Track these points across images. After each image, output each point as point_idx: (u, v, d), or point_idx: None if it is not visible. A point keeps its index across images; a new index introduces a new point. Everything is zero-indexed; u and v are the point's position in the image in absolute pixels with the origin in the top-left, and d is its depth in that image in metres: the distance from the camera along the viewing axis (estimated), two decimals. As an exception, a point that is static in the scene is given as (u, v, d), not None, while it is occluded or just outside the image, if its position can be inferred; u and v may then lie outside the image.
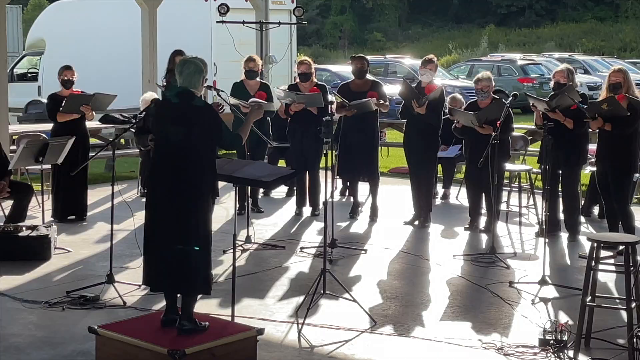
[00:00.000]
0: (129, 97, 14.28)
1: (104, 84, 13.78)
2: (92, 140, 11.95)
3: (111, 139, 9.68)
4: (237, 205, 9.52)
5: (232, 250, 6.74)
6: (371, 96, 10.41)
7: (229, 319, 6.48)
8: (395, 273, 8.61)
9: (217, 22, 15.16)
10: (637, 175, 9.61)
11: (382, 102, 10.52)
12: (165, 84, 11.54)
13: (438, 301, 7.58)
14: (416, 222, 10.56)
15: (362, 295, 7.54)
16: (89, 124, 11.06)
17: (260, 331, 6.13)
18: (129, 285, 7.65)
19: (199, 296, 6.29)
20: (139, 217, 8.69)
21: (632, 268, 6.17)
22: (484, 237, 9.91)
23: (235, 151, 10.80)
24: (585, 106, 9.15)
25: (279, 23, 15.81)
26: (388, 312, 7.26)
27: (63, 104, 10.22)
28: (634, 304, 6.15)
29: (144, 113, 7.51)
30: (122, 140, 14.87)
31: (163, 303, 6.39)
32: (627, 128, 8.79)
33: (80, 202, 10.64)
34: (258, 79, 11.08)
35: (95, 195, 11.54)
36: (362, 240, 9.86)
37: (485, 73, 10.20)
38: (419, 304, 7.50)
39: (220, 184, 6.34)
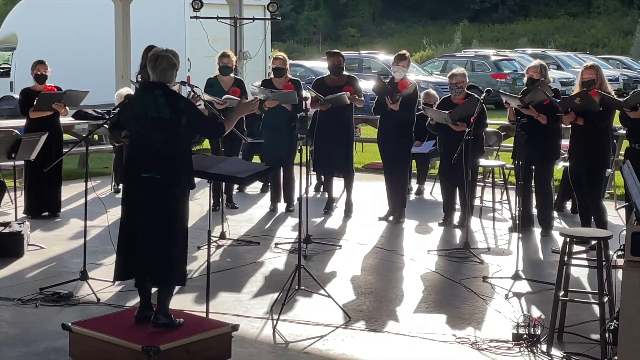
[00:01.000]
0: (103, 93, 14.24)
1: (78, 80, 13.70)
2: (66, 136, 11.89)
3: (85, 135, 9.63)
4: (212, 202, 9.50)
5: (206, 246, 6.73)
6: (347, 91, 10.42)
7: (204, 315, 6.47)
8: (370, 268, 8.63)
9: (191, 17, 15.12)
10: (609, 170, 9.70)
11: (357, 97, 10.53)
12: (139, 80, 11.49)
13: (412, 296, 7.61)
14: (390, 218, 10.59)
15: (337, 291, 7.55)
16: (63, 120, 11.00)
17: (235, 327, 6.13)
18: (103, 281, 7.61)
19: (175, 291, 6.28)
20: (113, 214, 8.69)
21: (604, 263, 6.21)
22: (458, 233, 9.95)
23: (209, 147, 10.81)
24: (558, 101, 9.20)
25: (253, 19, 15.80)
26: (362, 307, 7.28)
27: (35, 103, 10.16)
28: (606, 299, 6.19)
29: (118, 108, 7.46)
30: (96, 136, 14.79)
31: (137, 299, 6.37)
32: (599, 122, 8.85)
33: (54, 199, 10.58)
34: (232, 74, 11.06)
35: (68, 191, 11.48)
36: (336, 236, 9.88)
37: (460, 69, 10.24)
38: (393, 299, 7.52)
39: (195, 179, 6.32)
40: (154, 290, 6.20)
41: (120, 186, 7.91)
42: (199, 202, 10.72)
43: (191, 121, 6.10)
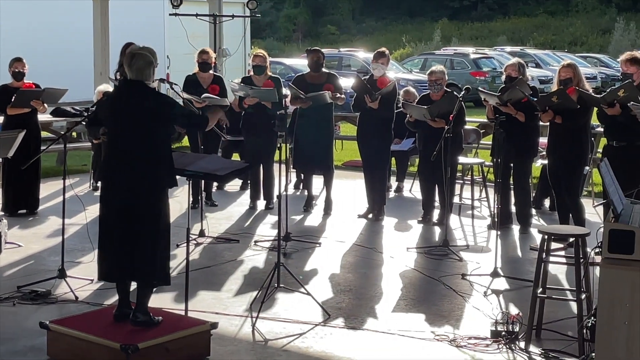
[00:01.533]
0: (81, 90, 14.15)
1: (56, 77, 13.62)
2: (44, 134, 11.82)
3: (63, 133, 9.58)
4: (191, 199, 9.50)
5: (185, 244, 6.71)
6: (327, 89, 10.42)
7: (183, 313, 6.45)
8: (349, 266, 8.63)
9: (170, 14, 15.08)
10: (587, 168, 9.74)
11: (337, 95, 10.53)
12: (117, 77, 11.46)
13: (391, 294, 7.62)
14: (370, 215, 10.60)
15: (316, 289, 7.56)
16: (41, 117, 10.94)
17: (214, 325, 6.12)
18: (81, 279, 7.58)
19: (154, 289, 6.26)
20: (91, 211, 8.67)
21: (582, 260, 6.25)
22: (437, 230, 9.98)
23: (188, 144, 10.79)
24: (536, 99, 9.24)
25: (233, 16, 15.78)
26: (342, 305, 7.28)
27: (13, 99, 10.10)
28: (583, 296, 6.23)
29: (96, 106, 7.43)
30: (74, 134, 14.72)
31: (115, 297, 6.35)
32: (577, 120, 8.89)
33: (32, 196, 10.53)
34: (211, 71, 11.04)
35: (46, 189, 11.42)
36: (316, 233, 9.88)
37: (439, 66, 10.27)
38: (372, 297, 7.53)
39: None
40: (132, 288, 6.18)
41: (99, 184, 7.86)
42: (178, 200, 10.66)
43: (171, 116, 6.08)
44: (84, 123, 9.39)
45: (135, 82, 6.06)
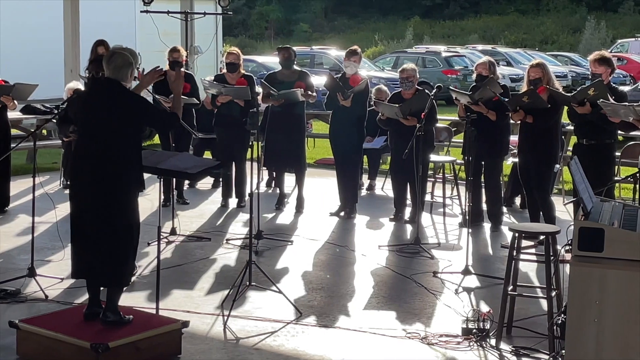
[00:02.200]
0: (52, 87, 14.05)
1: (26, 74, 13.52)
2: (14, 131, 11.71)
3: (33, 130, 9.49)
4: (162, 197, 9.46)
5: (156, 243, 6.68)
6: (299, 86, 10.41)
7: (154, 311, 6.43)
8: (321, 264, 8.63)
9: (141, 11, 14.99)
10: (557, 166, 9.79)
11: (309, 92, 10.53)
12: (88, 74, 11.39)
13: (363, 292, 7.63)
14: (342, 213, 10.61)
15: (288, 287, 7.55)
16: (10, 115, 10.85)
17: (185, 324, 6.10)
18: (51, 278, 7.53)
19: (125, 288, 6.23)
20: (62, 210, 8.61)
21: (552, 257, 6.29)
22: (408, 228, 10.00)
23: (159, 142, 10.73)
24: (506, 99, 9.28)
25: (204, 13, 15.71)
26: (314, 303, 7.28)
27: (-18, 96, 10.01)
28: (554, 293, 6.27)
29: (66, 103, 7.38)
30: (44, 131, 14.62)
31: (86, 296, 6.31)
32: (548, 120, 8.94)
33: (1, 194, 10.44)
34: (183, 69, 10.98)
35: (16, 187, 11.33)
36: (288, 231, 9.87)
37: (410, 64, 10.31)
38: (344, 295, 7.54)
39: (145, 175, 6.27)
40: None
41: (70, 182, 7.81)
42: (149, 198, 10.63)
43: (143, 115, 6.04)
44: (54, 121, 9.33)
45: (111, 81, 6.02)
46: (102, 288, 6.14)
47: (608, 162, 8.73)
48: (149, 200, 10.79)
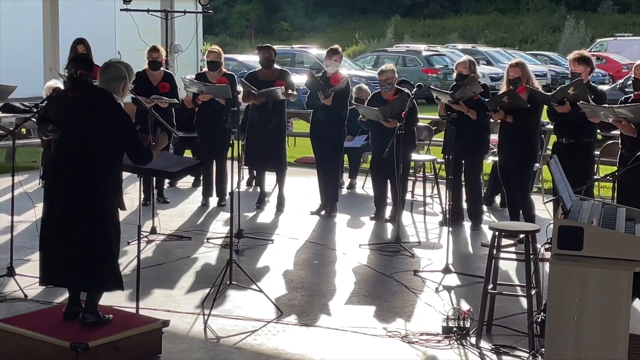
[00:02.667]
0: (31, 86, 13.97)
1: (5, 72, 13.46)
2: (-8, 130, 11.66)
3: (12, 129, 9.44)
4: (142, 196, 9.43)
5: (136, 242, 6.66)
6: (279, 85, 10.41)
7: (134, 311, 6.41)
8: (302, 263, 8.63)
9: (121, 10, 14.94)
10: (537, 165, 9.83)
11: (290, 91, 10.53)
12: (67, 73, 11.33)
13: (344, 290, 7.63)
14: (322, 212, 10.61)
15: (269, 286, 7.54)
16: (-12, 113, 10.80)
17: (166, 323, 6.09)
18: (30, 277, 7.47)
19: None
20: (40, 209, 8.52)
21: (532, 256, 6.31)
22: (389, 227, 10.01)
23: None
24: (486, 99, 9.31)
25: (185, 12, 15.69)
26: (294, 301, 7.28)
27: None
28: (533, 291, 6.29)
29: (45, 102, 7.34)
30: (24, 130, 14.54)
31: (65, 296, 6.29)
32: (528, 119, 8.97)
33: (-20, 193, 10.38)
34: (162, 69, 10.95)
35: (-5, 186, 11.28)
36: (268, 230, 9.86)
37: (389, 65, 10.29)
38: (325, 294, 7.54)
39: (125, 174, 6.25)
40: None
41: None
42: (129, 197, 10.59)
43: (120, 140, 5.95)
44: (33, 119, 9.28)
45: (104, 91, 5.97)
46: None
47: (587, 161, 8.78)
48: (129, 199, 10.74)
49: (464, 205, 10.13)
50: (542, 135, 11.09)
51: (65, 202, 5.90)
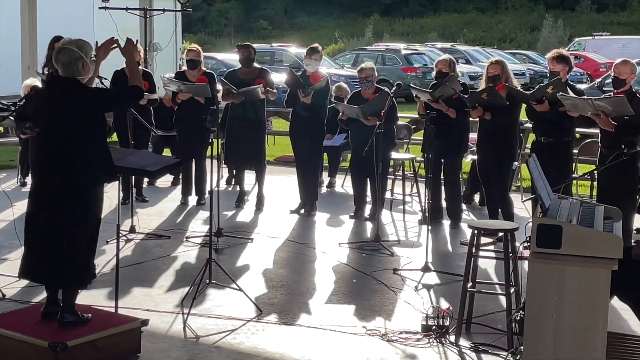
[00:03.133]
0: (9, 84, 13.91)
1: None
2: (-30, 129, 11.59)
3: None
4: (121, 195, 9.39)
5: (116, 241, 6.64)
6: (259, 83, 10.39)
7: (113, 310, 6.39)
8: (281, 261, 8.63)
9: (100, 8, 14.86)
10: (516, 163, 9.87)
11: (269, 90, 10.51)
12: (46, 71, 11.27)
13: (323, 289, 7.64)
14: (302, 211, 10.61)
15: (248, 284, 7.54)
16: (-34, 112, 10.72)
17: (145, 322, 6.06)
18: (8, 277, 7.43)
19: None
20: (19, 207, 8.48)
21: (511, 254, 6.34)
22: (369, 225, 10.02)
23: (117, 139, 10.66)
24: (466, 96, 9.34)
25: (164, 10, 15.62)
26: (274, 300, 7.28)
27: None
28: (512, 290, 6.32)
29: (24, 100, 7.29)
30: (1, 128, 14.46)
31: (43, 295, 6.25)
32: (506, 117, 9.01)
33: (-43, 192, 10.31)
34: (141, 67, 10.90)
35: (-28, 185, 11.20)
36: (248, 229, 9.85)
37: (369, 63, 10.31)
38: (304, 292, 7.54)
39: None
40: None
41: (27, 179, 7.72)
42: (108, 196, 10.49)
43: (102, 104, 5.91)
44: (11, 118, 9.22)
45: (66, 80, 5.89)
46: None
47: (566, 159, 8.81)
48: (107, 198, 10.63)
49: (444, 203, 10.16)
50: (521, 134, 11.12)
51: (46, 200, 5.87)
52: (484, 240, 7.27)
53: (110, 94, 6.09)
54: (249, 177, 11.36)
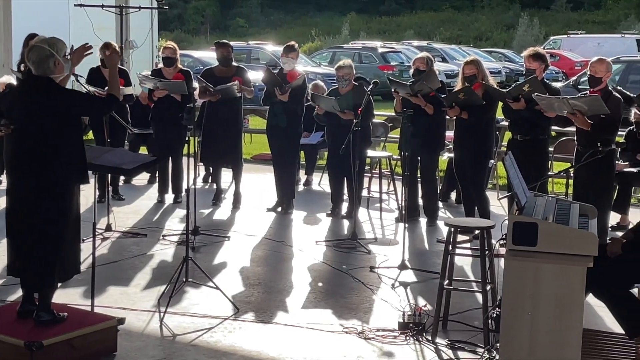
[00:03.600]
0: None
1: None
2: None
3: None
4: (97, 193, 9.34)
5: (92, 239, 6.61)
6: (235, 81, 10.37)
7: (89, 308, 6.36)
8: (258, 260, 8.62)
9: (75, 5, 14.78)
10: (492, 161, 9.91)
11: (245, 88, 10.50)
12: (21, 69, 11.20)
13: (300, 287, 7.64)
14: (279, 209, 10.60)
15: (225, 283, 7.52)
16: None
17: (121, 321, 6.04)
18: (-16, 276, 7.40)
19: (59, 285, 6.13)
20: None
21: (487, 252, 6.36)
22: (345, 223, 10.03)
23: (93, 138, 10.61)
24: (443, 95, 9.37)
25: (139, 7, 15.55)
26: (251, 298, 7.27)
27: None
28: (489, 287, 6.34)
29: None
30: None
31: (19, 294, 6.22)
32: (483, 116, 9.04)
33: None
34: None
35: (-54, 183, 11.12)
36: (225, 227, 9.84)
37: (347, 61, 10.30)
38: (281, 290, 7.54)
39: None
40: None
41: (2, 177, 7.66)
42: (84, 194, 10.43)
43: (76, 107, 5.89)
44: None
45: (38, 78, 5.85)
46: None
47: (542, 157, 8.86)
48: (83, 197, 10.57)
49: (420, 201, 10.18)
50: (497, 132, 11.18)
51: (21, 199, 5.83)
52: (460, 237, 7.29)
53: (86, 100, 6.02)
54: (226, 175, 11.34)
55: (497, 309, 5.79)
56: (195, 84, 10.78)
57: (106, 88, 9.93)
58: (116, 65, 6.43)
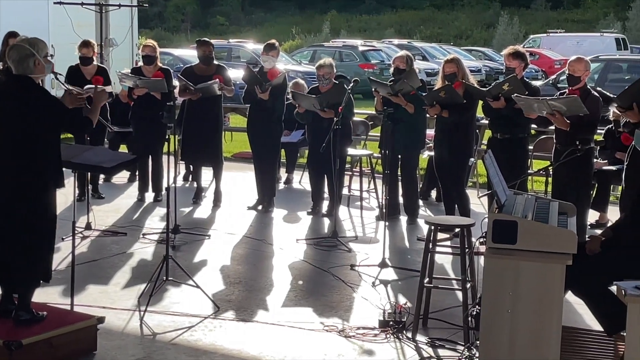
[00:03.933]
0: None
1: None
2: None
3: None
4: (77, 192, 9.30)
5: (71, 238, 6.58)
6: (216, 79, 10.35)
7: (69, 307, 6.33)
8: (239, 258, 8.61)
9: (55, 3, 14.71)
10: (472, 159, 9.94)
11: (225, 86, 10.48)
12: (0, 67, 11.14)
13: (281, 285, 7.64)
14: (259, 207, 10.59)
15: (206, 281, 7.51)
16: None
17: (101, 320, 6.02)
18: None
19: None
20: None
21: (467, 250, 6.38)
22: (326, 221, 10.04)
23: (73, 136, 10.56)
24: (423, 93, 9.39)
25: (119, 5, 15.49)
26: (231, 297, 7.26)
27: None
28: (469, 285, 6.36)
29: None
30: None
31: (-2, 293, 6.18)
32: (463, 115, 9.07)
33: None
34: (95, 63, 10.78)
35: None
36: (205, 225, 9.82)
37: (327, 60, 10.31)
38: (262, 289, 7.53)
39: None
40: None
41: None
42: (64, 192, 10.38)
43: (53, 117, 5.85)
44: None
45: (19, 77, 5.82)
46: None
47: (521, 155, 8.89)
48: (63, 195, 10.53)
49: (401, 199, 10.20)
50: (477, 130, 11.22)
51: (2, 197, 5.79)
52: (440, 235, 7.31)
53: (64, 113, 5.94)
54: (206, 173, 11.32)
55: (477, 306, 5.81)
56: (176, 82, 10.75)
57: (86, 87, 9.95)
58: (103, 102, 6.45)
